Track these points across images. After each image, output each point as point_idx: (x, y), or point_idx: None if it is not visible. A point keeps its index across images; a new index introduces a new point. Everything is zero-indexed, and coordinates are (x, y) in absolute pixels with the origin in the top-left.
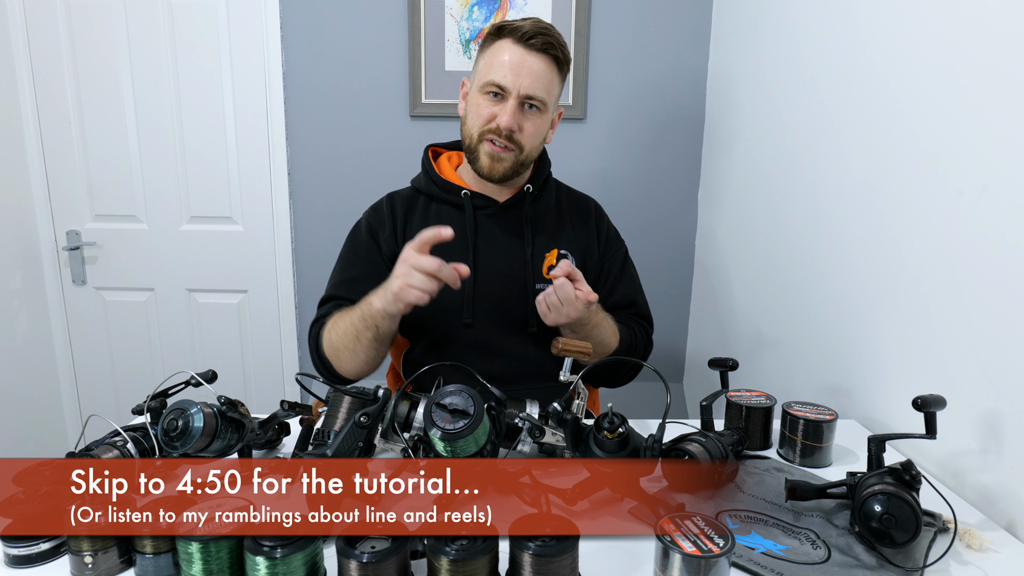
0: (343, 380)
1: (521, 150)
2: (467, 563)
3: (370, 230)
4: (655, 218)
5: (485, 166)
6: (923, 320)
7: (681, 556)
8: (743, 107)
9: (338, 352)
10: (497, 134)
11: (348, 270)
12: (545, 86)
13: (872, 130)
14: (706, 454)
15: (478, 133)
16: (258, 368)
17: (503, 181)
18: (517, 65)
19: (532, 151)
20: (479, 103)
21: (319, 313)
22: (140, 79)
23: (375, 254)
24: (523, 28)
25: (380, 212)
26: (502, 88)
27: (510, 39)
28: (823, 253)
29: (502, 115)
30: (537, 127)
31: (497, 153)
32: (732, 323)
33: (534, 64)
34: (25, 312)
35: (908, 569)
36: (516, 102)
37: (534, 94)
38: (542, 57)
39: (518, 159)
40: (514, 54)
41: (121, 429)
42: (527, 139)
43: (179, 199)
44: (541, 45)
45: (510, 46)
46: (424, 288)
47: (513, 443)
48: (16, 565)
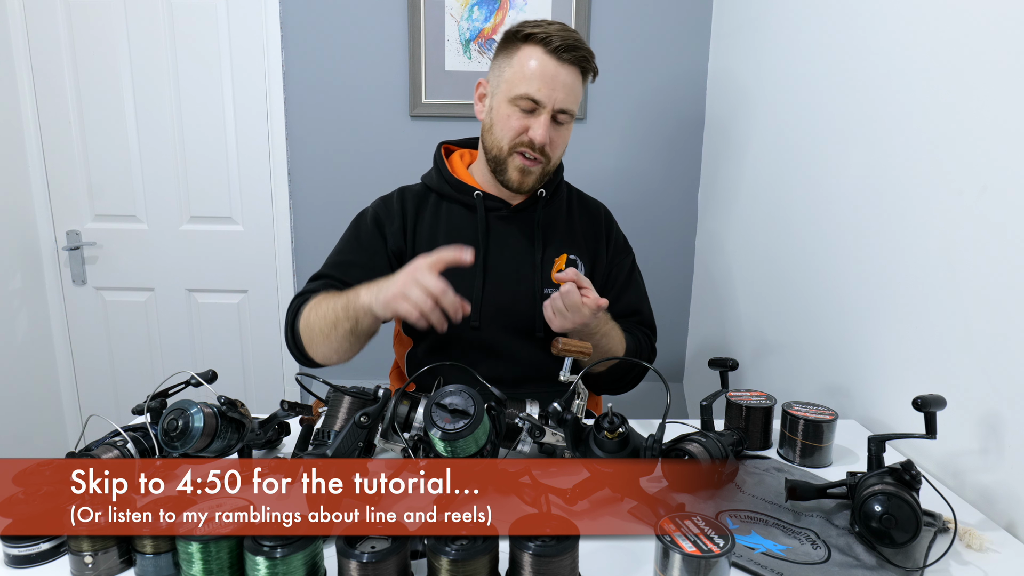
0: (309, 362)
1: (548, 161)
2: (467, 563)
3: (376, 220)
4: (655, 218)
5: (515, 180)
6: (923, 320)
7: (681, 556)
8: (743, 108)
9: (312, 332)
10: (530, 147)
11: (346, 253)
12: (576, 99)
13: (872, 130)
14: (706, 454)
15: (509, 146)
16: (258, 368)
17: (532, 192)
18: (551, 79)
19: (557, 160)
20: (508, 114)
21: (306, 287)
22: (140, 79)
23: (377, 244)
24: (554, 39)
25: (390, 205)
26: (537, 102)
27: (541, 48)
28: (823, 253)
29: (536, 129)
30: (565, 138)
31: (528, 167)
32: (732, 323)
33: (567, 77)
34: (25, 312)
35: (908, 569)
36: (548, 115)
37: (567, 107)
38: (574, 69)
39: (545, 170)
40: (548, 66)
41: (121, 429)
42: (555, 151)
43: (179, 199)
44: (576, 58)
45: (541, 56)
46: (419, 306)
47: (513, 443)
48: (16, 565)
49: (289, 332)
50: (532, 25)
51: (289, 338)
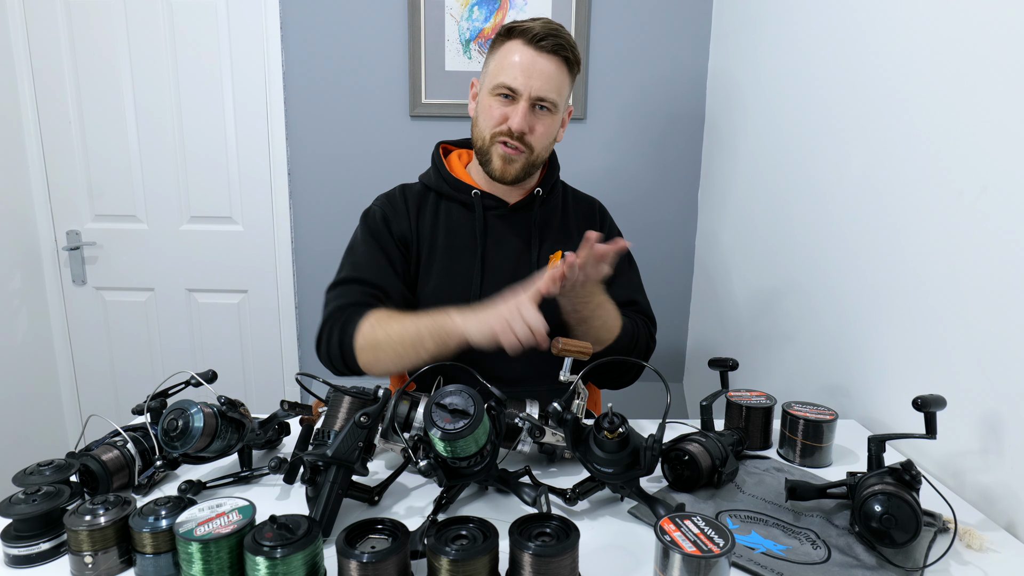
0: (355, 372)
1: (532, 151)
2: (467, 563)
3: (384, 219)
4: (656, 218)
5: (497, 168)
6: (923, 320)
7: (681, 556)
8: (744, 107)
9: (379, 351)
10: (509, 136)
11: (373, 252)
12: (556, 87)
13: (872, 130)
14: (706, 454)
15: (490, 135)
16: (258, 368)
17: (515, 183)
18: (528, 67)
19: (543, 151)
20: (490, 104)
21: (348, 299)
22: (140, 79)
23: (392, 244)
24: (533, 29)
25: (395, 202)
26: (513, 90)
27: (520, 40)
28: (823, 253)
29: (514, 117)
30: (548, 128)
31: (509, 155)
32: (732, 323)
33: (545, 66)
34: (25, 312)
35: (908, 569)
36: (527, 104)
37: (545, 95)
38: (553, 58)
39: (529, 160)
40: (525, 56)
41: (121, 429)
42: (538, 140)
43: (179, 199)
44: (552, 47)
45: (520, 47)
46: (524, 339)
47: (513, 443)
48: (16, 565)
49: (337, 344)
50: (518, 23)
51: (336, 351)
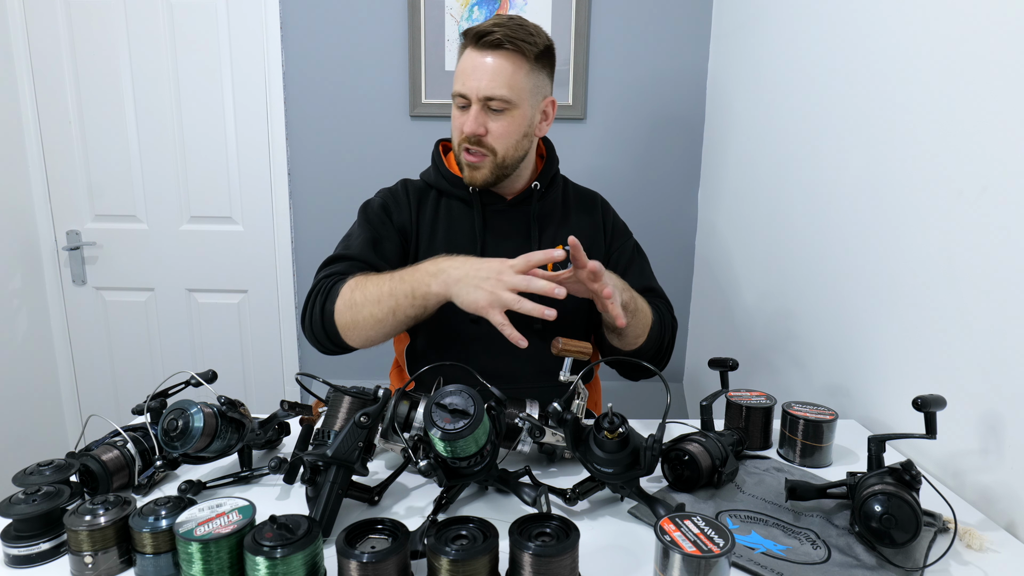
0: (337, 347)
1: (495, 153)
2: (467, 563)
3: (384, 207)
4: (655, 218)
5: (467, 176)
6: (924, 320)
7: (681, 556)
8: (743, 107)
9: (358, 318)
10: (468, 142)
11: (367, 236)
12: (505, 82)
13: (872, 130)
14: (706, 454)
15: (457, 144)
16: (258, 368)
17: (489, 186)
18: (473, 68)
19: (510, 150)
20: (454, 115)
21: (334, 268)
22: (140, 79)
23: (390, 226)
24: (480, 28)
25: (397, 194)
26: (464, 95)
27: (470, 44)
28: (823, 253)
29: (466, 122)
30: (506, 127)
31: (472, 162)
32: (732, 323)
33: (490, 63)
34: (25, 312)
35: (908, 569)
36: (478, 106)
37: (492, 94)
38: (498, 53)
39: (496, 162)
40: (470, 58)
41: (121, 429)
42: (498, 140)
43: (179, 199)
44: (495, 41)
45: (469, 51)
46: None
47: (513, 443)
48: (16, 565)
49: (319, 314)
50: (472, 26)
51: (318, 321)
